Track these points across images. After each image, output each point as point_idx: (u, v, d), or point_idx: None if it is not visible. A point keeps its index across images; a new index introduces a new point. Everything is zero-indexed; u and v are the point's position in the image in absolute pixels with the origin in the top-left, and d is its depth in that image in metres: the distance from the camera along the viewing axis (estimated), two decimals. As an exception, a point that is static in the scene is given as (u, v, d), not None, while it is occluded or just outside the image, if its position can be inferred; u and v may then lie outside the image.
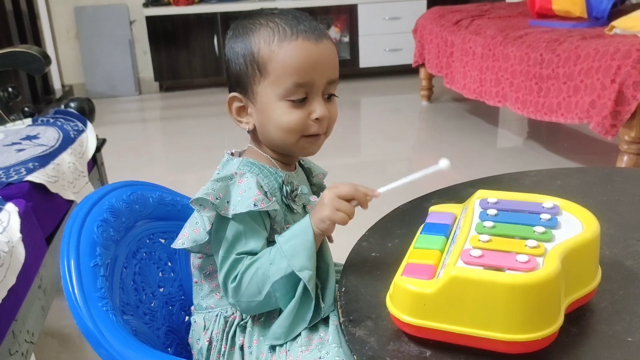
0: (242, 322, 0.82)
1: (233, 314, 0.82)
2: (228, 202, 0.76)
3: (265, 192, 0.78)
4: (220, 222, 0.77)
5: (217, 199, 0.75)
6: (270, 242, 0.79)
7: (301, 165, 0.91)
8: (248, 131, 0.84)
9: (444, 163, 0.71)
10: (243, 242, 0.76)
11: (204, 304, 0.85)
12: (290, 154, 0.85)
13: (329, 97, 0.82)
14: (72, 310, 0.75)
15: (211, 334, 0.83)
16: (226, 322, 0.82)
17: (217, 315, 0.83)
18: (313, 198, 0.86)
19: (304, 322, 0.76)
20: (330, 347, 0.74)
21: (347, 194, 0.74)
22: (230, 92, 0.84)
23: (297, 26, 0.77)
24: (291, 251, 0.73)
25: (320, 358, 0.74)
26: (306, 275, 0.72)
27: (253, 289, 0.75)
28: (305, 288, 0.74)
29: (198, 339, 0.84)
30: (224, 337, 0.82)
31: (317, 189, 0.93)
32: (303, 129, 0.79)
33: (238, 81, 0.82)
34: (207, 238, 0.78)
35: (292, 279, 0.74)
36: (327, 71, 0.79)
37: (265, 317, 0.81)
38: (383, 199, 0.78)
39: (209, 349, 0.82)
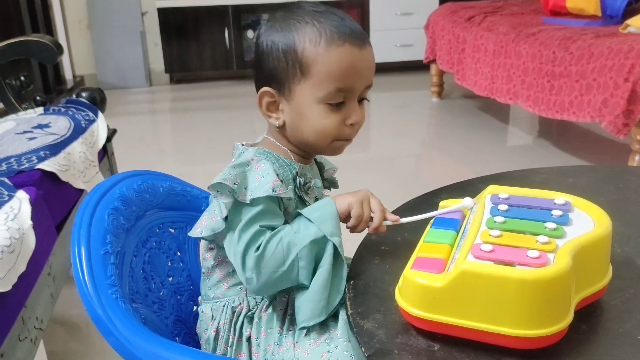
0: (249, 313, 0.82)
1: (240, 304, 0.82)
2: (245, 188, 0.75)
3: (281, 181, 0.77)
4: (237, 208, 0.76)
5: (234, 184, 0.74)
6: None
7: (315, 160, 0.91)
8: (277, 127, 0.82)
9: (467, 201, 0.71)
10: (265, 218, 0.75)
11: (212, 294, 0.85)
12: (316, 153, 0.86)
13: (360, 101, 0.81)
14: (82, 297, 0.76)
15: (218, 324, 0.83)
16: (233, 312, 0.82)
17: (224, 306, 0.83)
18: (326, 192, 0.86)
19: (339, 293, 0.74)
20: (339, 341, 0.74)
21: (375, 207, 0.76)
22: (259, 84, 0.82)
23: (344, 30, 0.77)
24: (319, 219, 0.73)
25: (328, 352, 0.74)
26: (337, 240, 0.72)
27: (278, 257, 0.73)
28: (337, 255, 0.73)
29: (206, 329, 0.84)
30: (232, 328, 0.82)
31: (328, 184, 0.93)
32: (338, 134, 0.80)
33: (273, 76, 0.80)
34: (224, 226, 0.77)
35: (318, 247, 0.73)
36: (367, 77, 0.79)
37: (272, 309, 0.81)
38: (392, 195, 0.78)
39: (216, 339, 0.83)
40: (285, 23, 0.79)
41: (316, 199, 0.84)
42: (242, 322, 0.81)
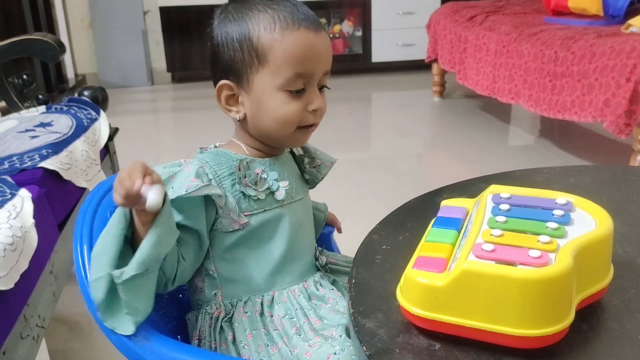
0: (226, 318, 0.81)
1: (217, 309, 0.82)
2: (172, 187, 0.75)
3: (210, 180, 0.77)
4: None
5: None
6: (233, 232, 0.79)
7: (292, 153, 0.89)
8: (238, 120, 0.82)
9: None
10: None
11: (194, 301, 0.86)
12: (279, 145, 0.84)
13: (320, 89, 0.81)
14: (84, 295, 0.76)
15: (199, 331, 0.82)
16: (211, 318, 0.82)
17: (202, 313, 0.83)
18: (283, 184, 0.83)
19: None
20: (345, 345, 0.74)
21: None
22: (217, 78, 0.81)
23: (298, 15, 0.76)
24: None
25: (334, 354, 0.73)
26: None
27: None
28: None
29: (192, 336, 0.84)
30: (211, 333, 0.81)
31: (309, 176, 0.90)
32: (300, 121, 0.79)
33: (231, 68, 0.78)
34: None
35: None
36: (325, 62, 0.79)
37: (251, 311, 0.81)
38: (393, 194, 0.78)
39: (199, 346, 0.82)
40: (238, 13, 0.77)
41: (271, 192, 0.82)
42: (221, 327, 0.81)
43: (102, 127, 1.69)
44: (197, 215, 0.78)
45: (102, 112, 1.74)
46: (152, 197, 0.65)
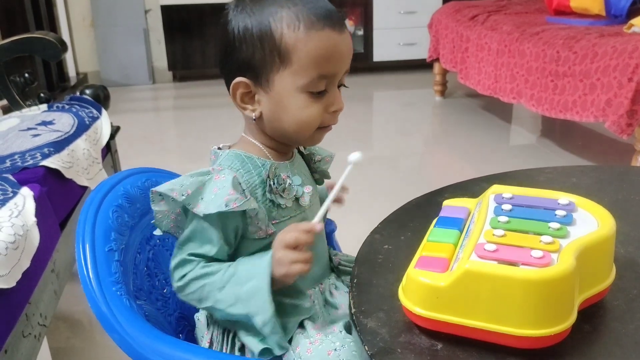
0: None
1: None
2: (202, 198, 0.72)
3: (243, 190, 0.74)
4: (190, 216, 0.74)
5: (182, 195, 0.71)
6: (258, 239, 0.77)
7: (300, 152, 0.87)
8: (254, 119, 0.77)
9: (354, 156, 0.71)
10: (198, 242, 0.74)
11: None
12: (294, 144, 0.82)
13: (338, 87, 0.79)
14: (86, 294, 0.76)
15: (212, 334, 0.81)
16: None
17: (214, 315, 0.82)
18: (307, 189, 0.80)
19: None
20: (345, 341, 0.74)
21: (292, 241, 0.71)
22: (230, 74, 0.76)
23: (321, 12, 0.72)
24: (247, 294, 0.72)
25: (335, 350, 0.73)
26: (259, 320, 0.71)
27: (195, 297, 0.75)
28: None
29: (202, 337, 0.83)
30: (224, 339, 0.80)
31: (319, 176, 0.88)
32: (320, 122, 0.76)
33: (249, 65, 0.73)
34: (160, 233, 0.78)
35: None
36: (347, 62, 0.76)
37: None
38: (395, 194, 0.77)
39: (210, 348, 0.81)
40: (257, 6, 0.73)
41: (296, 199, 0.79)
42: (234, 332, 0.80)
43: (103, 125, 1.69)
44: (232, 229, 0.75)
45: (103, 111, 1.74)
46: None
